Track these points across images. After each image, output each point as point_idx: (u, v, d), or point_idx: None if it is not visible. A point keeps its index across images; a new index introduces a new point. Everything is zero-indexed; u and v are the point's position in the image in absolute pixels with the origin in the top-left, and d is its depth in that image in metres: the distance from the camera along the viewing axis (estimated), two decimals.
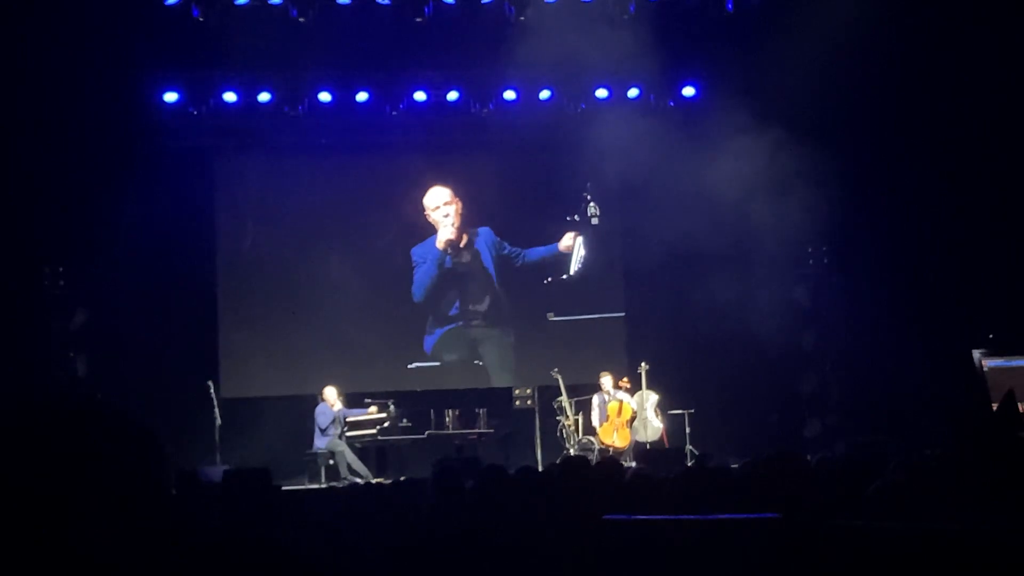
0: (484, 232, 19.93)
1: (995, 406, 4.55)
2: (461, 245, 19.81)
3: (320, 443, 17.73)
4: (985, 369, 16.07)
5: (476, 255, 19.87)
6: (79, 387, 17.19)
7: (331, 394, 18.00)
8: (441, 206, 19.74)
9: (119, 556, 1.83)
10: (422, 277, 19.72)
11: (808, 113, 17.50)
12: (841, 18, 16.57)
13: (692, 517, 4.03)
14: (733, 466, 7.09)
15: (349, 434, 17.92)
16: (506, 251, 19.95)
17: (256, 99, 18.51)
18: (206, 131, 18.58)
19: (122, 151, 17.58)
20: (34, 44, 16.30)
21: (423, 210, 19.72)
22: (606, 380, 18.35)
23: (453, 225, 19.74)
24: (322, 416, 17.83)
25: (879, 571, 3.42)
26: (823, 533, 3.64)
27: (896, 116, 17.96)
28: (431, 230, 19.73)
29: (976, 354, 16.19)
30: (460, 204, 19.77)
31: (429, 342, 19.74)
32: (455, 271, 19.78)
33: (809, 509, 4.94)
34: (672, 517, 4.24)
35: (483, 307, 19.83)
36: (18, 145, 16.50)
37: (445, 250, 19.75)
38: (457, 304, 19.80)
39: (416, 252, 19.75)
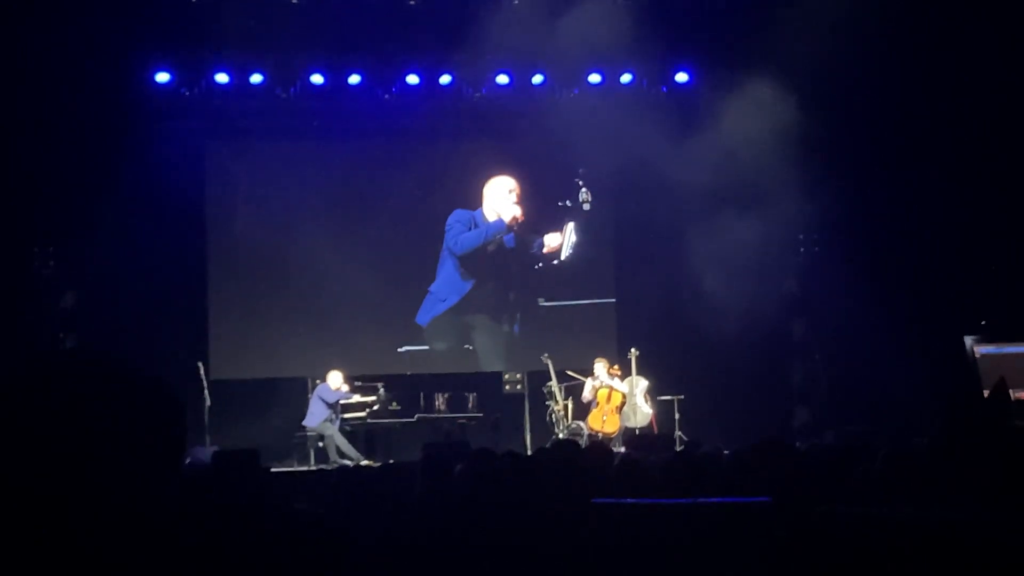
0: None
1: (987, 393, 4.53)
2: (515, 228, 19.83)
3: (312, 421, 17.72)
4: (977, 356, 16.08)
5: (502, 243, 19.85)
6: None
7: (336, 379, 17.98)
8: (508, 192, 19.77)
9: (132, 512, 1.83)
10: (473, 238, 19.70)
11: (801, 100, 17.50)
12: (836, 5, 16.54)
13: (682, 501, 4.02)
14: (724, 452, 7.08)
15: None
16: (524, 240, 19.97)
17: (248, 81, 18.43)
18: (198, 112, 18.49)
19: (113, 132, 17.50)
20: (26, 23, 16.21)
21: (472, 193, 19.78)
22: (599, 367, 18.33)
23: (518, 206, 19.78)
24: (325, 391, 17.84)
25: (870, 557, 3.40)
26: (814, 518, 3.62)
27: (889, 105, 17.94)
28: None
29: (968, 341, 16.20)
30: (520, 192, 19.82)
31: (424, 316, 19.66)
32: (486, 248, 19.74)
33: (799, 496, 4.93)
34: (662, 501, 4.22)
35: (487, 290, 19.79)
36: (8, 125, 16.43)
37: (511, 226, 19.76)
38: (472, 283, 19.73)
39: (463, 215, 19.72)
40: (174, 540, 1.85)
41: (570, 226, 19.87)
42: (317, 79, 18.58)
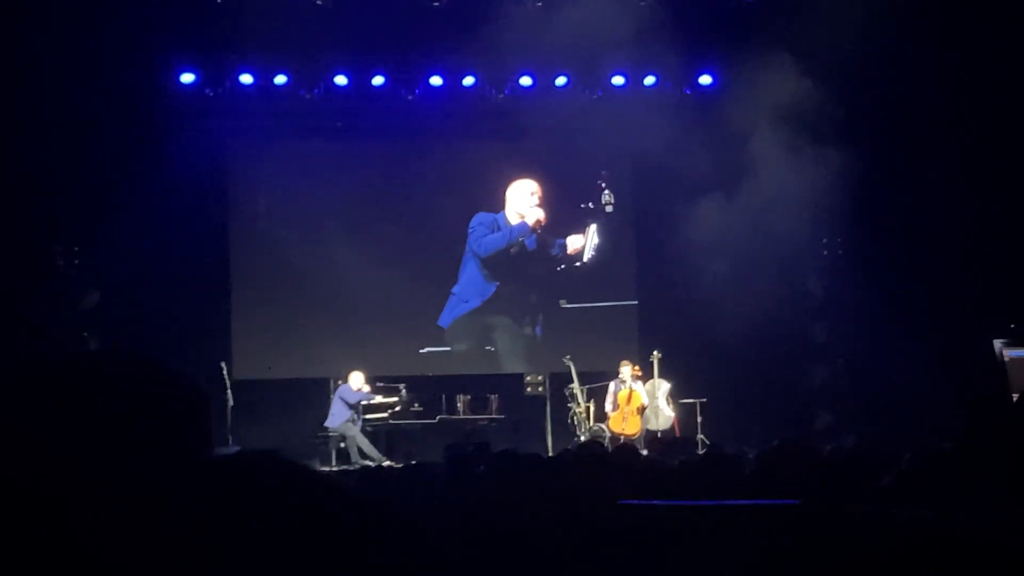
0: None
1: (1015, 397, 4.51)
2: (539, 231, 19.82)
3: (334, 421, 17.75)
4: (1006, 359, 15.95)
5: (524, 245, 19.85)
6: None
7: (357, 379, 18.00)
8: (531, 195, 19.78)
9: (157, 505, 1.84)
10: (497, 240, 19.76)
11: (824, 103, 17.41)
12: (861, 7, 16.46)
13: (711, 502, 4.00)
14: (749, 456, 7.07)
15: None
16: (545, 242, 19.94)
17: (272, 81, 18.47)
18: (222, 112, 18.52)
19: (137, 131, 17.56)
20: (51, 22, 16.27)
21: (495, 195, 19.83)
22: (625, 370, 18.30)
23: (541, 209, 19.80)
24: (347, 392, 17.86)
25: (897, 559, 3.38)
26: (841, 520, 3.60)
27: (914, 103, 17.78)
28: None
29: (997, 344, 16.07)
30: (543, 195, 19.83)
31: (446, 317, 19.66)
32: (509, 250, 19.74)
33: (824, 498, 4.91)
34: (690, 502, 4.21)
35: (509, 292, 19.78)
36: (33, 124, 16.49)
37: (535, 229, 19.77)
38: (495, 286, 19.71)
39: (485, 218, 19.77)
40: (203, 532, 1.86)
41: (592, 228, 19.86)
42: (341, 80, 18.61)
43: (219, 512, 1.85)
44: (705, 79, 19.28)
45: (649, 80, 19.13)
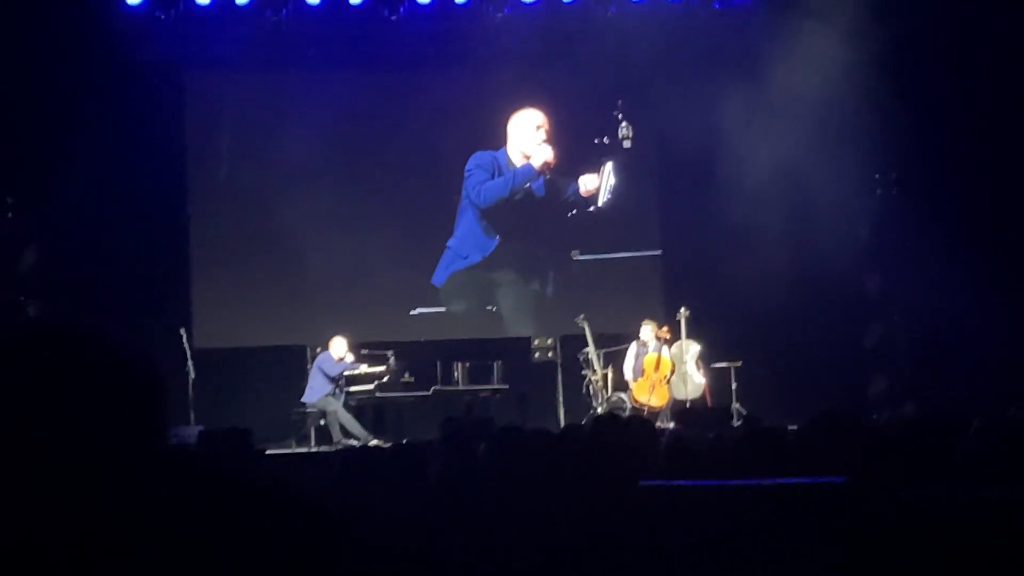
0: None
1: None
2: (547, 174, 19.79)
3: (312, 396, 17.79)
4: None
5: (531, 190, 19.82)
6: None
7: (340, 347, 18.00)
8: (536, 128, 19.75)
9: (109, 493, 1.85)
10: (499, 188, 19.74)
11: (878, 16, 17.32)
12: None
13: (744, 482, 4.03)
14: (790, 428, 7.09)
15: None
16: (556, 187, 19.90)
17: (233, 1, 18.40)
18: (175, 39, 18.47)
19: (78, 62, 17.48)
20: None
21: (495, 130, 19.78)
22: (647, 330, 18.33)
23: (548, 146, 19.81)
24: (327, 362, 17.87)
25: (960, 544, 3.40)
26: (895, 501, 3.62)
27: (983, 16, 17.68)
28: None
29: None
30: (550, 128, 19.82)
31: (440, 274, 19.66)
32: (512, 198, 19.72)
33: (876, 476, 4.94)
34: (723, 482, 4.23)
35: (514, 246, 19.75)
36: None
37: (542, 171, 19.76)
38: (497, 240, 19.69)
39: (484, 158, 19.78)
40: (156, 527, 1.87)
41: (608, 167, 19.82)
42: None
43: (175, 512, 1.86)
44: None
45: None
